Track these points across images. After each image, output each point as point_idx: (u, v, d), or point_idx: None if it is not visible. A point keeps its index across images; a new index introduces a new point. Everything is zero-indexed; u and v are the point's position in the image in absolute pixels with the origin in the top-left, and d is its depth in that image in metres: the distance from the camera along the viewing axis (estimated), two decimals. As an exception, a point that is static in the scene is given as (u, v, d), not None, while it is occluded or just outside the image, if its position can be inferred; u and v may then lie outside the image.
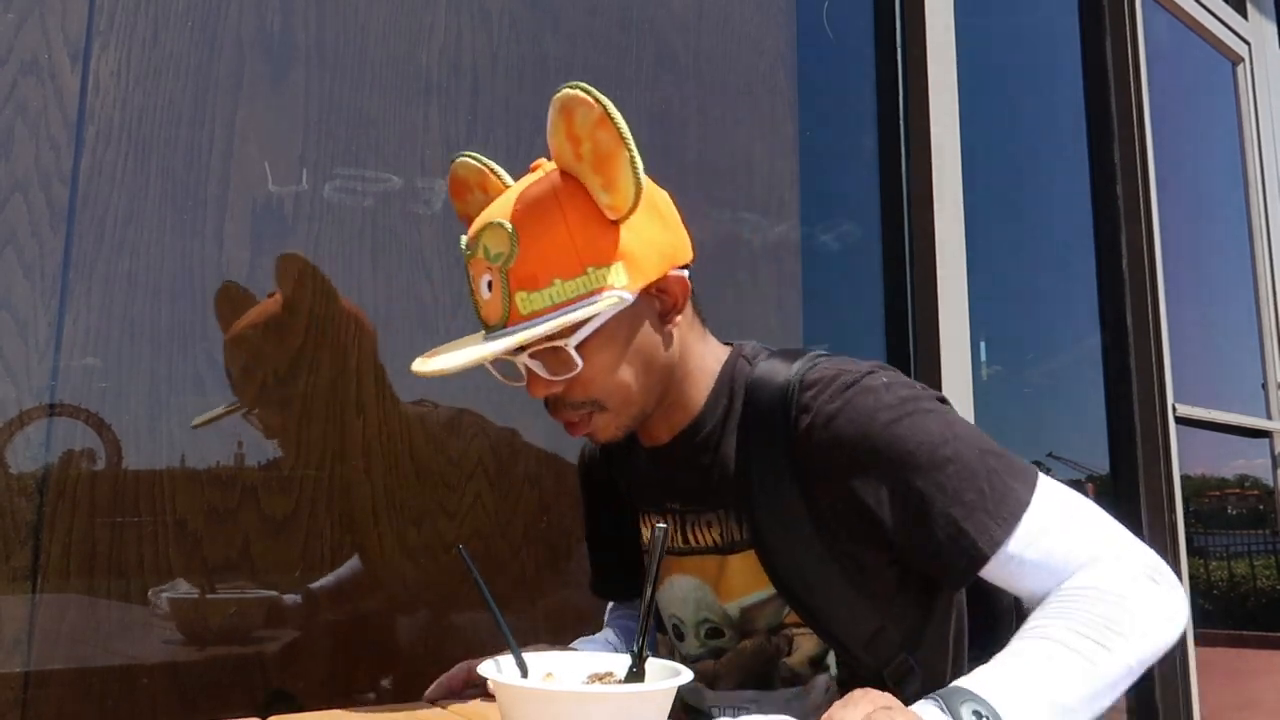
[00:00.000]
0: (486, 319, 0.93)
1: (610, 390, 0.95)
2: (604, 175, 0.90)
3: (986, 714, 0.74)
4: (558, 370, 0.93)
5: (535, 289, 0.89)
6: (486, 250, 0.91)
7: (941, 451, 0.90)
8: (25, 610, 1.06)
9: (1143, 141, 2.77)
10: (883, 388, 0.94)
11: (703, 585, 1.04)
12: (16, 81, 1.10)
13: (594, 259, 0.90)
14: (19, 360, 1.08)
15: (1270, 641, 3.57)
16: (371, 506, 1.32)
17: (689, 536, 1.04)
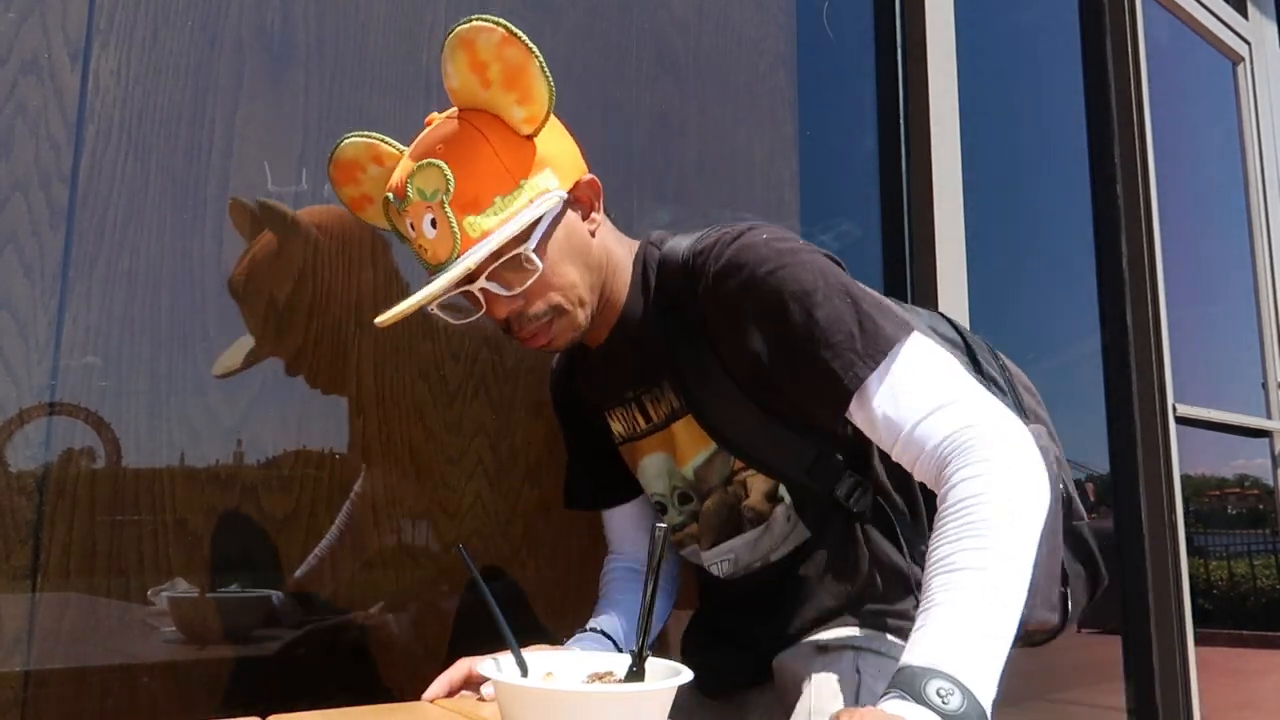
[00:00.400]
0: (436, 257, 0.98)
1: (564, 290, 1.03)
2: (518, 89, 0.97)
3: (947, 687, 0.75)
4: (516, 282, 1.00)
5: (480, 211, 0.96)
6: (422, 192, 0.97)
7: (814, 297, 0.98)
8: (25, 609, 1.06)
9: (1143, 141, 2.77)
10: (761, 243, 1.02)
11: (668, 458, 1.17)
12: (16, 81, 1.10)
13: (523, 172, 0.99)
14: (19, 359, 1.08)
15: (1270, 641, 3.56)
16: (371, 506, 1.32)
17: (649, 415, 1.17)
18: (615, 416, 1.22)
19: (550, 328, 1.05)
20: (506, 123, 0.99)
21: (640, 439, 1.19)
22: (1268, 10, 3.60)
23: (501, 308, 1.03)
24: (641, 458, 1.20)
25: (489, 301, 1.02)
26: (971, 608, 0.81)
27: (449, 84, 0.98)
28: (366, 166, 1.09)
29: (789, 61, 1.95)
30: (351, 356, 1.33)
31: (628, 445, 1.23)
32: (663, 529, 0.79)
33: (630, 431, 1.21)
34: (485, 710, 0.94)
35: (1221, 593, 3.51)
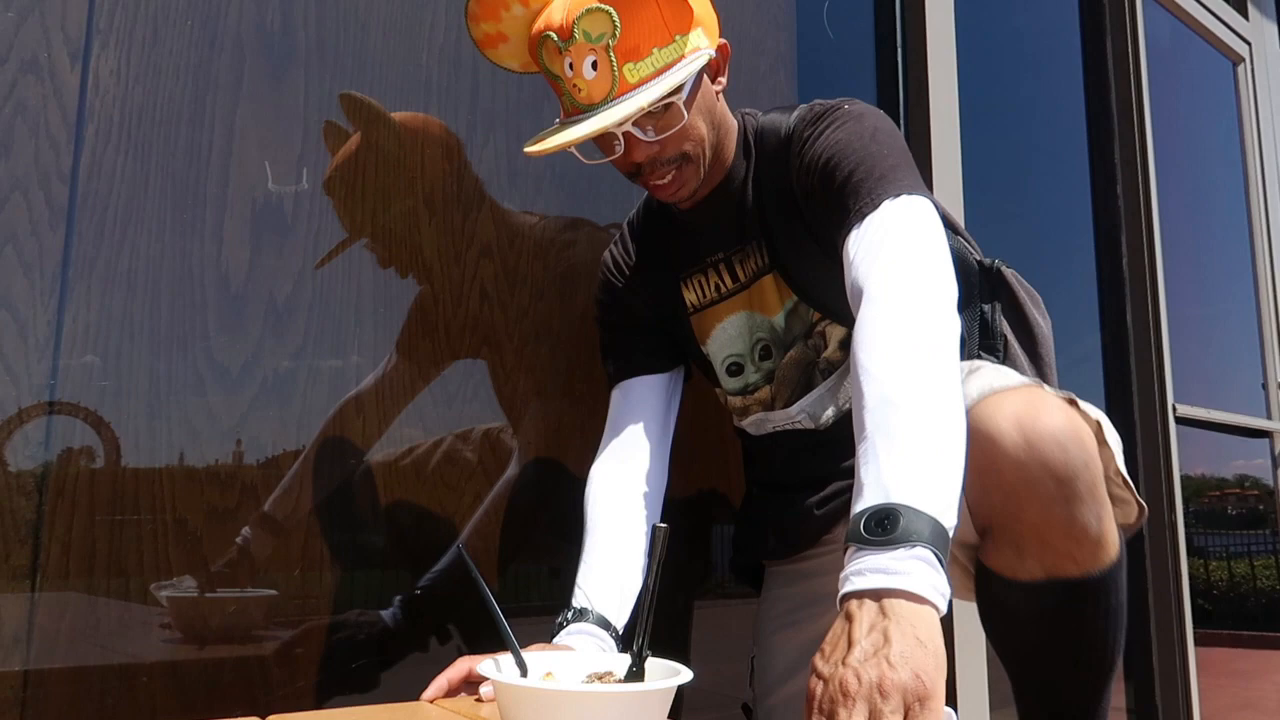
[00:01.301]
0: (590, 97, 1.06)
1: (697, 141, 1.14)
2: None
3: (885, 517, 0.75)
4: (663, 128, 1.11)
5: (639, 59, 1.05)
6: (588, 34, 1.04)
7: (862, 138, 1.11)
8: (24, 609, 1.06)
9: (1143, 141, 2.77)
10: (844, 107, 1.17)
11: (751, 314, 1.28)
12: (16, 80, 1.10)
13: (680, 27, 1.07)
14: (18, 359, 1.08)
15: (1270, 642, 3.56)
16: (371, 506, 1.32)
17: (736, 274, 1.27)
18: (692, 285, 1.31)
19: (680, 174, 1.15)
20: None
21: (722, 301, 1.28)
22: (1268, 10, 3.60)
23: (640, 151, 1.12)
24: (719, 321, 1.29)
25: (630, 144, 1.11)
26: (899, 435, 0.81)
27: None
28: (511, 5, 1.12)
29: (789, 61, 1.95)
30: (351, 356, 1.33)
31: (704, 312, 1.30)
32: (663, 529, 0.78)
33: (715, 295, 1.29)
34: (485, 710, 0.94)
35: (1221, 593, 3.51)
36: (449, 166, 1.45)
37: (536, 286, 1.53)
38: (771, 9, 1.95)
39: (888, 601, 0.73)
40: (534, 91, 1.56)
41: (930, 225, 1.01)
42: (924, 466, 0.79)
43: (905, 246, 0.97)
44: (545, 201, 1.55)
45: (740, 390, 1.32)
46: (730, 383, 1.33)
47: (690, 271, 1.31)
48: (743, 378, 1.31)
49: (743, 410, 1.34)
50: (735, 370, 1.31)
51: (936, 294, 0.92)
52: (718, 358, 1.32)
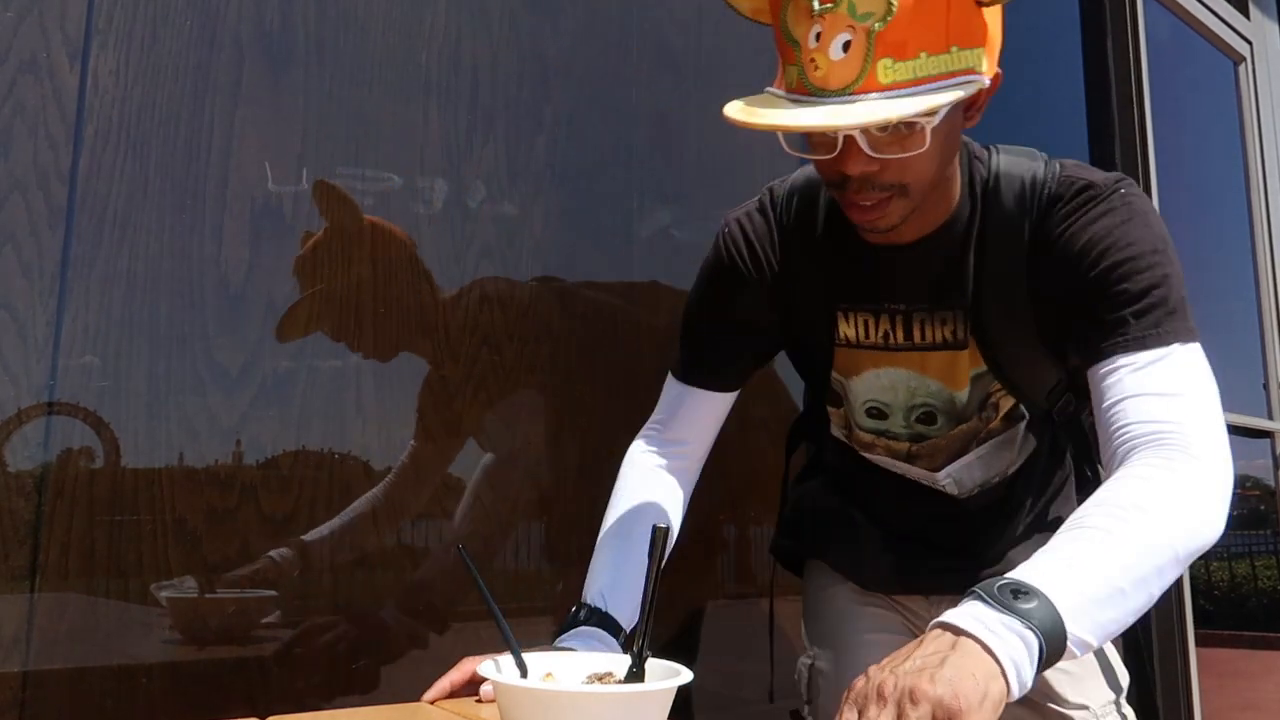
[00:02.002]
0: (826, 81, 0.87)
1: (920, 175, 0.95)
2: None
3: (1025, 590, 0.75)
4: (896, 149, 0.90)
5: (901, 58, 0.86)
6: (854, 8, 0.86)
7: (1149, 258, 0.98)
8: (23, 610, 1.06)
9: (1144, 140, 2.77)
10: (1119, 194, 1.01)
11: (920, 376, 1.13)
12: (15, 80, 1.10)
13: (960, 39, 0.89)
14: (17, 359, 1.08)
15: (1271, 642, 3.56)
16: (371, 506, 1.32)
17: (914, 334, 1.11)
18: (854, 321, 1.13)
19: (887, 205, 0.95)
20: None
21: (884, 351, 1.12)
22: (1269, 10, 3.60)
23: (856, 164, 0.92)
24: (875, 367, 1.14)
25: (849, 151, 0.91)
26: (1088, 552, 0.80)
27: None
28: None
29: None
30: (351, 356, 1.33)
31: (857, 350, 1.15)
32: (663, 529, 0.78)
33: (879, 342, 1.12)
34: (485, 711, 0.94)
35: (1223, 594, 3.51)
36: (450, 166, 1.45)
37: (536, 287, 1.52)
38: (771, 9, 1.95)
39: (964, 640, 0.73)
40: (534, 92, 1.56)
41: (1216, 393, 0.93)
42: (1093, 590, 0.78)
43: (1201, 423, 0.89)
44: (545, 201, 1.55)
45: (875, 431, 1.20)
46: (865, 421, 1.20)
47: (855, 308, 1.13)
48: (884, 423, 1.18)
49: (867, 445, 1.23)
50: (876, 414, 1.18)
51: (1215, 494, 0.87)
52: (858, 396, 1.18)
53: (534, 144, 1.55)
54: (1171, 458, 0.87)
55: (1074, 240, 1.00)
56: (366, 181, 1.37)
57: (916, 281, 1.08)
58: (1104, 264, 0.97)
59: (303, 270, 1.29)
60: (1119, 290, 0.96)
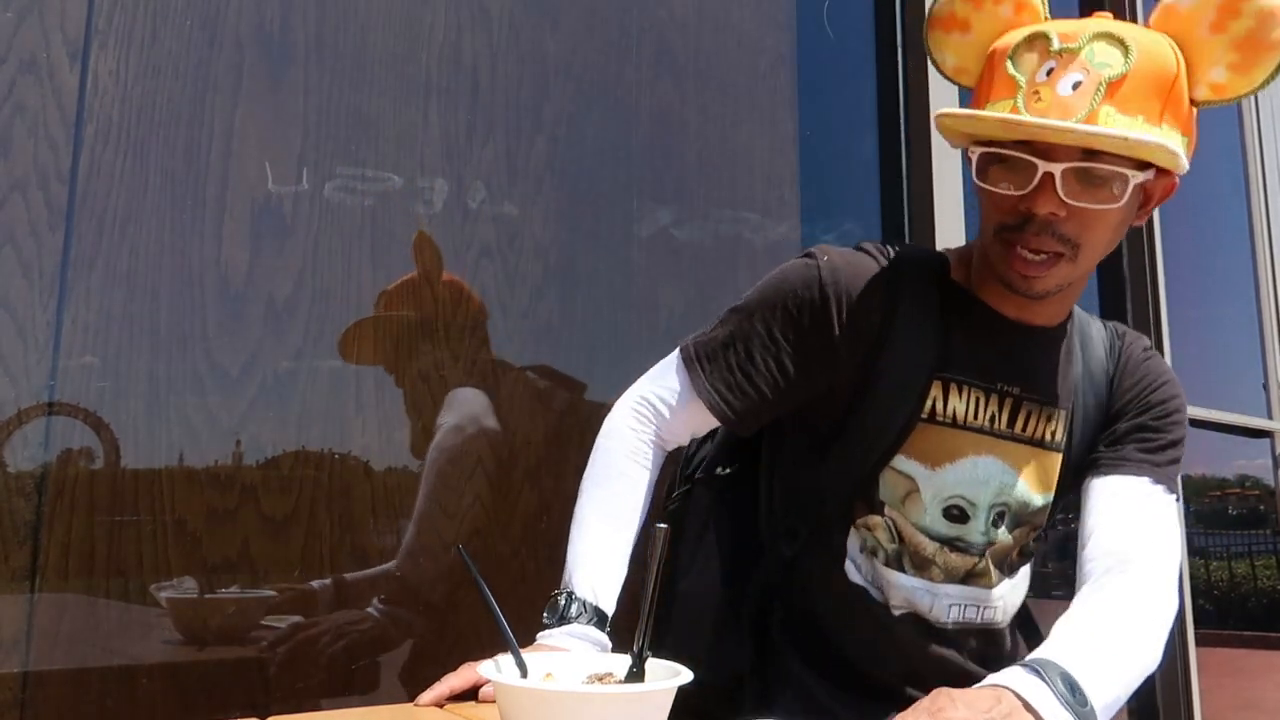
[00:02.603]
0: (1046, 112, 0.91)
1: (1094, 243, 0.97)
2: (1243, 56, 0.94)
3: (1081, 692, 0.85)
4: (1091, 197, 0.93)
5: (1123, 112, 0.90)
6: (1092, 53, 0.91)
7: (1184, 430, 1.16)
8: (24, 610, 1.06)
9: (1143, 141, 2.77)
10: (1174, 380, 1.18)
11: (1011, 471, 1.08)
12: (15, 80, 1.10)
13: (1174, 119, 0.93)
14: (17, 359, 1.08)
15: (1271, 642, 3.56)
16: (371, 506, 1.32)
17: (1019, 422, 1.08)
18: (957, 393, 1.05)
19: (1055, 264, 0.96)
20: (1196, 74, 0.95)
21: (984, 435, 1.06)
22: (1268, 10, 3.60)
23: (1047, 204, 0.92)
24: (973, 454, 1.05)
25: (1043, 189, 0.92)
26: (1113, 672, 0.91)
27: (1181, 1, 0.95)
28: (1001, 3, 1.02)
29: (789, 61, 1.95)
30: (351, 357, 1.32)
31: (951, 430, 1.05)
32: (663, 529, 0.78)
33: (984, 423, 1.06)
34: (485, 711, 0.93)
35: (1222, 593, 3.51)
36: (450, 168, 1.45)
37: (536, 286, 1.52)
38: (771, 9, 1.95)
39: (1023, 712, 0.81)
40: (534, 92, 1.56)
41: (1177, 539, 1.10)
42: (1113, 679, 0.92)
43: (1173, 555, 1.05)
44: (545, 201, 1.55)
45: (947, 540, 1.07)
46: (938, 525, 1.06)
47: (967, 381, 1.05)
48: (962, 528, 1.07)
49: (922, 563, 1.07)
50: (957, 516, 1.06)
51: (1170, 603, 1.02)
52: (942, 491, 1.05)
53: (534, 144, 1.55)
54: (1162, 595, 1.01)
55: (1153, 385, 1.13)
56: (366, 181, 1.37)
57: (1036, 368, 1.08)
58: (1163, 410, 1.12)
59: (303, 270, 1.29)
60: (1161, 432, 1.12)
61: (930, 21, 1.10)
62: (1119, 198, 0.92)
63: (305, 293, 1.29)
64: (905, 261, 1.08)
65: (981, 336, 1.06)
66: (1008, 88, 0.95)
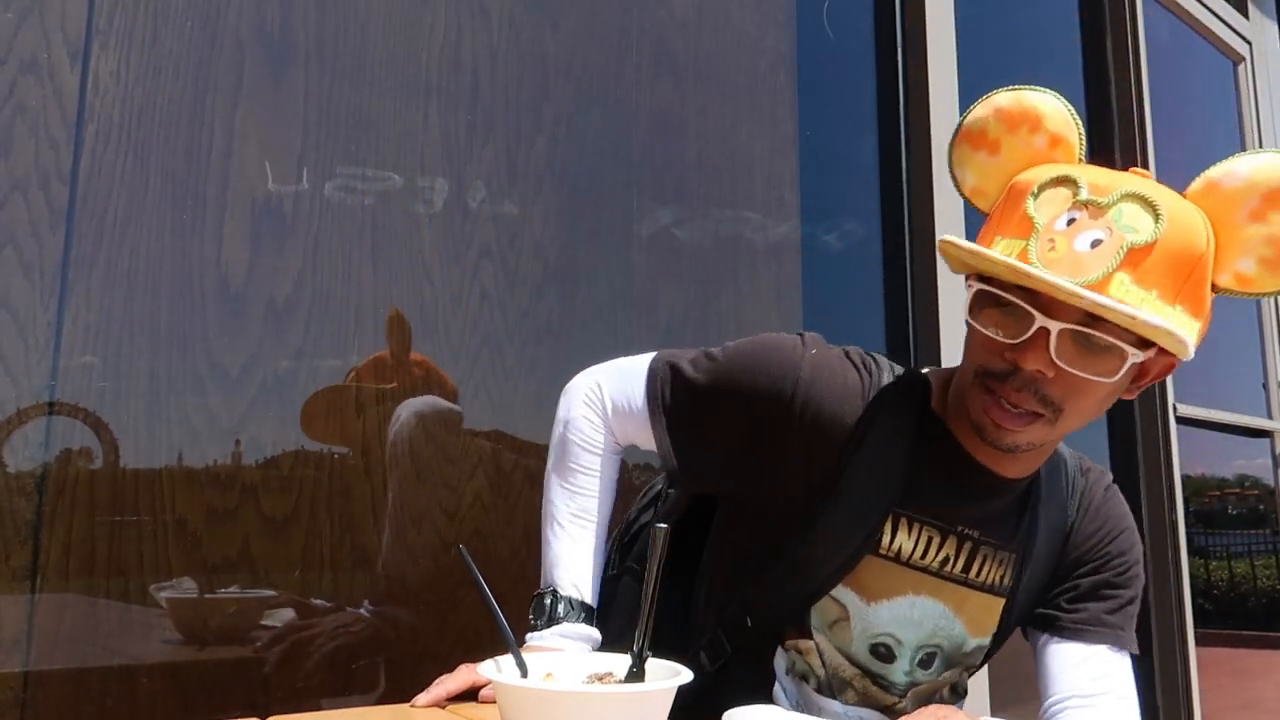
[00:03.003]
0: (1057, 264, 0.85)
1: (1077, 410, 0.91)
2: (1277, 253, 0.88)
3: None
4: (1083, 365, 0.87)
5: (1138, 284, 0.84)
6: (1120, 215, 0.85)
7: (1139, 589, 1.11)
8: (24, 610, 1.06)
9: (1143, 141, 2.77)
10: (1120, 498, 1.13)
11: (952, 616, 1.03)
12: (16, 80, 1.10)
13: (1188, 301, 0.87)
14: (18, 359, 1.08)
15: (1271, 641, 3.56)
16: (371, 506, 1.32)
17: (971, 567, 1.03)
18: (912, 530, 1.01)
19: (1032, 423, 0.91)
20: (1223, 259, 0.89)
21: (929, 575, 1.01)
22: (1268, 10, 3.60)
23: (1035, 361, 0.87)
24: (913, 593, 1.01)
25: (1035, 344, 0.87)
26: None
27: (1234, 173, 0.90)
28: (1039, 132, 0.97)
29: (789, 61, 1.95)
30: (351, 356, 1.33)
31: (897, 568, 1.01)
32: (663, 529, 0.78)
33: (931, 564, 1.01)
34: (485, 711, 0.94)
35: (1222, 593, 3.51)
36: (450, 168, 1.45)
37: (536, 286, 1.52)
38: (771, 9, 1.95)
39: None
40: (534, 92, 1.56)
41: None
42: None
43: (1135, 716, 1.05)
44: (545, 202, 1.55)
45: (871, 674, 1.03)
46: (861, 658, 1.03)
47: (923, 520, 1.01)
48: (886, 667, 1.03)
49: (839, 687, 1.04)
50: (884, 654, 1.02)
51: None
52: (871, 628, 1.01)
53: (534, 144, 1.55)
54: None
55: (1107, 541, 1.08)
56: (367, 181, 1.37)
57: (996, 514, 1.03)
58: (1117, 570, 1.08)
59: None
60: (1115, 594, 1.07)
61: (959, 135, 1.04)
62: (1114, 373, 0.87)
63: (305, 293, 1.29)
64: (890, 388, 1.02)
65: (948, 476, 1.01)
66: (1023, 228, 0.88)
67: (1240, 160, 0.90)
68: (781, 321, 1.89)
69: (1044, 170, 0.92)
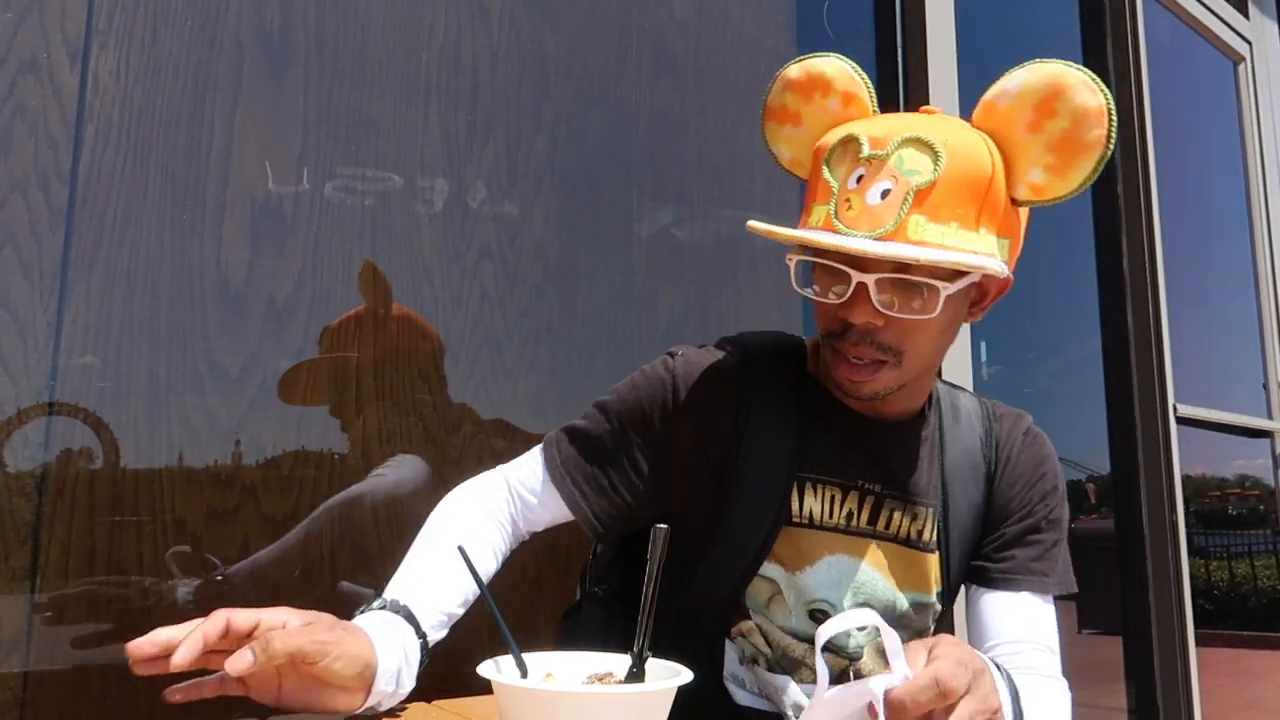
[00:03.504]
0: (856, 222, 0.89)
1: (918, 349, 0.95)
2: (1059, 159, 0.91)
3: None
4: (907, 308, 0.91)
5: (934, 220, 0.88)
6: (901, 160, 0.89)
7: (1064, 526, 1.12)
8: (24, 610, 1.06)
9: (1143, 141, 2.77)
10: (1058, 471, 1.14)
11: (872, 571, 1.03)
12: (15, 80, 1.10)
13: (991, 222, 0.90)
14: (18, 359, 1.08)
15: (1271, 642, 3.56)
16: (371, 506, 1.32)
17: (878, 519, 1.04)
18: (818, 493, 1.02)
19: (878, 370, 0.94)
20: (1015, 173, 0.92)
21: (843, 534, 1.02)
22: (1268, 10, 3.60)
23: (862, 313, 0.91)
24: (828, 554, 1.02)
25: (857, 299, 0.91)
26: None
27: (1006, 91, 0.92)
28: (831, 95, 1.00)
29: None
30: (351, 357, 1.33)
31: (811, 532, 1.02)
32: (663, 529, 0.78)
33: (840, 523, 1.03)
34: (485, 711, 0.93)
35: (1222, 593, 3.51)
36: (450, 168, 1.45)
37: (536, 287, 1.52)
38: (771, 9, 1.95)
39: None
40: (534, 92, 1.56)
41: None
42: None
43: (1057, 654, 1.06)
44: (545, 201, 1.55)
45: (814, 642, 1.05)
46: (804, 627, 1.02)
47: (823, 480, 1.02)
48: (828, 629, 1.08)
49: (795, 664, 1.03)
50: (822, 619, 1.00)
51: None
52: (805, 594, 1.01)
53: (534, 144, 1.55)
54: (1062, 694, 1.02)
55: (1033, 478, 1.09)
56: (367, 181, 1.37)
57: (897, 464, 1.05)
58: (1046, 511, 1.08)
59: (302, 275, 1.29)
60: (1047, 539, 1.08)
61: (764, 113, 1.08)
62: (934, 308, 0.90)
63: (305, 293, 1.29)
64: (761, 359, 1.06)
65: (836, 432, 1.04)
66: (825, 193, 0.93)
67: (1010, 77, 0.93)
68: (781, 321, 1.89)
69: (834, 134, 0.97)
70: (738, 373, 1.04)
